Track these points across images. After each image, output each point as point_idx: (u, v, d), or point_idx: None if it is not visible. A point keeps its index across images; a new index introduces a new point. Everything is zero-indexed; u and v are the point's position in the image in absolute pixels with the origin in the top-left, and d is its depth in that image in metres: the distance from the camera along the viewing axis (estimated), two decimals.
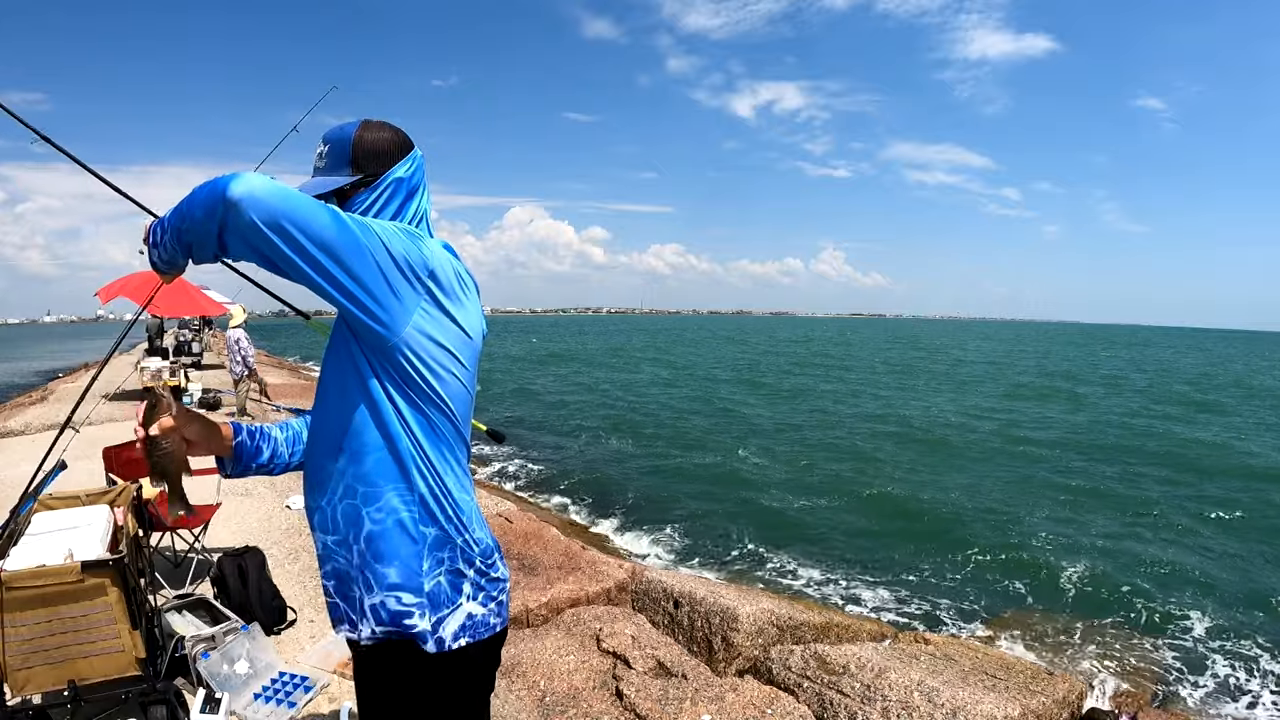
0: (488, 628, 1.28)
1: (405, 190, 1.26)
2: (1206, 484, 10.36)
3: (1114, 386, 25.17)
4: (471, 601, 1.25)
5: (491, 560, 1.29)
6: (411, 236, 1.14)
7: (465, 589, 1.24)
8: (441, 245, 1.24)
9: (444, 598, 1.22)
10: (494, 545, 1.32)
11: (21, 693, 2.16)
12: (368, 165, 1.24)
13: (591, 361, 34.88)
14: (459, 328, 1.18)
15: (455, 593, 1.24)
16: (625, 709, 2.90)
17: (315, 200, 1.03)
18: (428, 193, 1.32)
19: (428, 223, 1.31)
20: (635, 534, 7.64)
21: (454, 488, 1.22)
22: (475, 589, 1.26)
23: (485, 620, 1.27)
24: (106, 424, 9.00)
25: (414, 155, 1.29)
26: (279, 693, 2.73)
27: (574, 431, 13.96)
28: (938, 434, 14.13)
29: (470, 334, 1.21)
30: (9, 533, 2.31)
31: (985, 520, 8.35)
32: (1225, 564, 7.06)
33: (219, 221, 0.97)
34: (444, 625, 1.22)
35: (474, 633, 1.25)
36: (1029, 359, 41.35)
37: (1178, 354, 53.65)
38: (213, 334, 26.31)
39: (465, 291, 1.21)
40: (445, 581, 1.23)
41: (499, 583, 1.31)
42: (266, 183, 0.98)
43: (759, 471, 10.73)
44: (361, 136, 1.24)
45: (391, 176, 1.25)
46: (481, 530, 1.28)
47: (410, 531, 1.20)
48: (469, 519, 1.24)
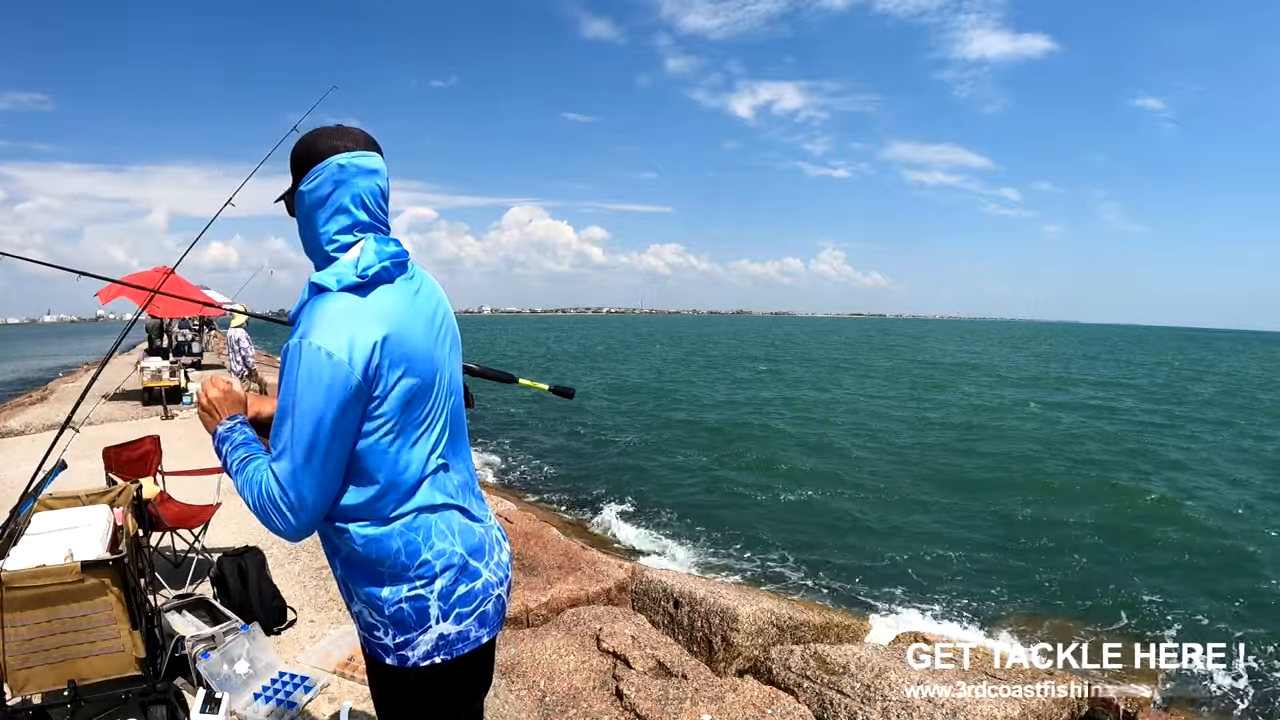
0: (467, 642, 1.28)
1: (308, 203, 1.26)
2: (1219, 487, 10.34)
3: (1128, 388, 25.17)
4: (443, 622, 1.25)
5: (458, 575, 1.26)
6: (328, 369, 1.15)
7: (432, 612, 1.24)
8: (376, 259, 1.22)
9: (410, 622, 1.24)
10: (463, 554, 1.27)
11: (21, 693, 2.16)
12: (294, 176, 1.28)
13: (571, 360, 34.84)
14: (397, 383, 1.20)
15: (422, 617, 1.24)
16: (625, 709, 2.90)
17: (301, 440, 1.14)
18: (359, 204, 1.26)
19: (372, 232, 1.27)
20: (635, 534, 7.64)
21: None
22: (443, 613, 1.25)
23: (464, 635, 1.27)
24: (106, 424, 9.01)
25: (320, 168, 1.24)
26: (279, 693, 2.73)
27: (574, 431, 13.95)
28: (938, 433, 14.13)
29: (403, 375, 1.20)
30: (9, 533, 2.31)
31: (985, 520, 8.35)
32: (1227, 564, 7.05)
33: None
34: (413, 647, 1.24)
35: (449, 650, 1.26)
36: (1029, 356, 41.34)
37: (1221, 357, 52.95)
38: (213, 334, 26.29)
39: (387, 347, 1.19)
40: (409, 607, 1.24)
41: (473, 595, 1.27)
42: (275, 512, 1.17)
43: (759, 472, 10.73)
44: (294, 146, 1.29)
45: (299, 190, 1.27)
46: (445, 541, 1.25)
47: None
48: (423, 537, 1.24)
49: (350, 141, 1.27)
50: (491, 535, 1.36)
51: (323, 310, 1.17)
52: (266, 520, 1.18)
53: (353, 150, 1.26)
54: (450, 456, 1.31)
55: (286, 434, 1.14)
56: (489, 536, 1.35)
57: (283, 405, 1.15)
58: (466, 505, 1.32)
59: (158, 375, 10.69)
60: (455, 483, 1.31)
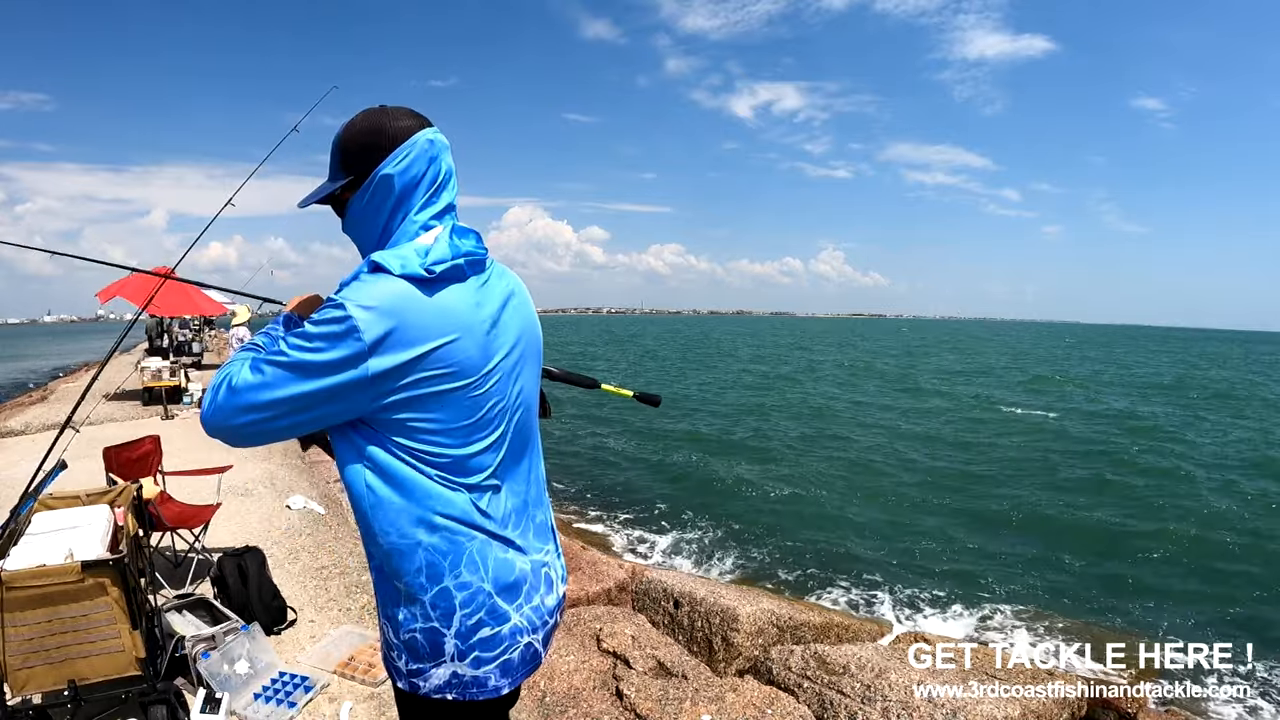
0: (483, 689, 1.13)
1: (399, 187, 1.11)
2: (1223, 489, 10.33)
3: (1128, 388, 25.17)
4: (459, 662, 1.12)
5: (480, 614, 1.12)
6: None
7: (447, 648, 1.11)
8: (450, 250, 1.09)
9: (423, 652, 1.12)
10: (490, 591, 1.12)
11: (21, 693, 2.16)
12: (354, 165, 1.13)
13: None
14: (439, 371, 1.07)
15: (436, 651, 1.12)
16: (625, 709, 2.90)
17: (262, 371, 1.03)
18: (446, 184, 1.17)
19: (449, 216, 1.18)
20: (636, 534, 7.65)
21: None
22: (459, 652, 1.11)
23: (480, 681, 1.13)
24: (106, 424, 9.01)
25: (410, 144, 1.11)
26: (279, 693, 2.72)
27: (573, 431, 13.95)
28: (939, 433, 14.14)
29: (460, 364, 1.07)
30: (9, 533, 2.31)
31: (986, 520, 8.35)
32: (1229, 565, 7.05)
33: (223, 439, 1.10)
34: (424, 677, 1.13)
35: (463, 692, 1.13)
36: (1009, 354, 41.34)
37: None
38: (213, 334, 26.30)
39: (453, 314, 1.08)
40: (422, 638, 1.11)
41: (497, 641, 1.13)
42: (210, 401, 1.06)
43: (759, 473, 10.72)
44: (344, 134, 1.14)
45: (379, 174, 1.11)
46: (473, 573, 1.11)
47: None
48: (450, 562, 1.11)
49: (421, 120, 1.16)
50: (540, 574, 1.21)
51: (375, 288, 1.02)
52: (208, 395, 1.09)
53: (430, 127, 1.15)
54: (506, 477, 1.17)
55: (274, 366, 1.02)
56: (535, 575, 1.19)
57: (296, 337, 1.03)
58: (515, 535, 1.17)
59: (158, 375, 10.69)
60: (506, 507, 1.17)
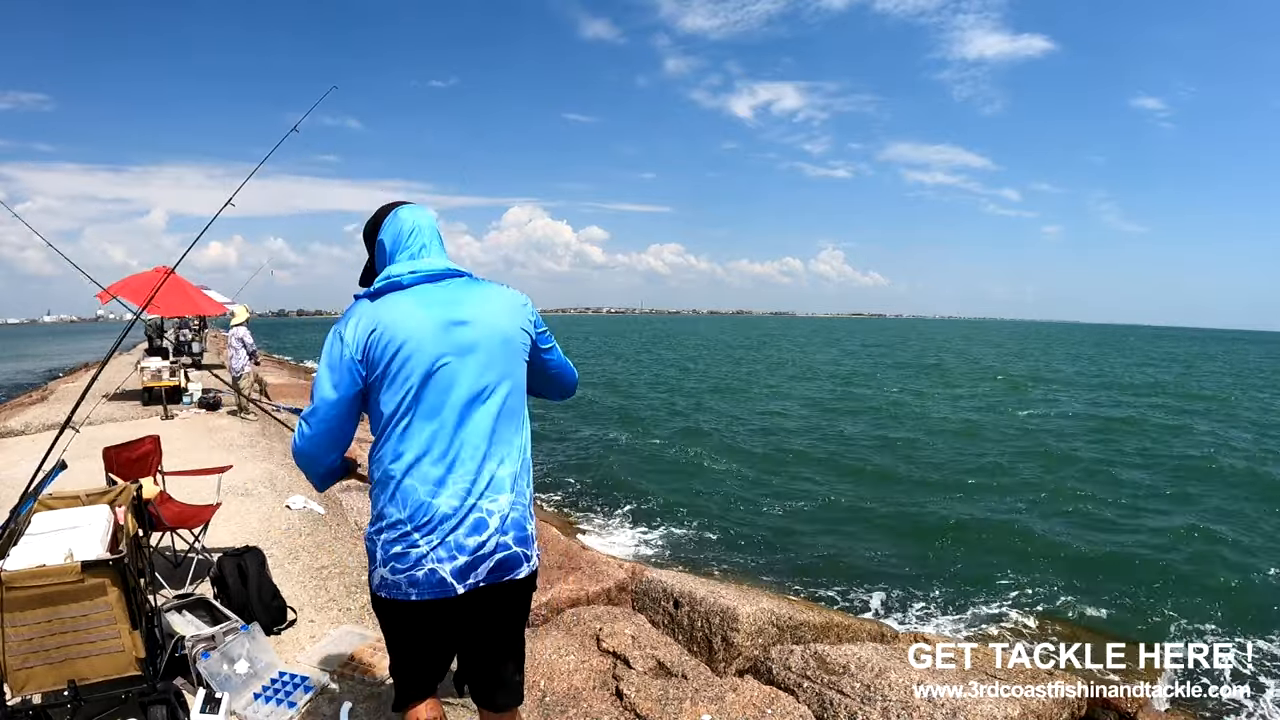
0: (399, 591, 1.53)
1: (387, 246, 1.69)
2: (1224, 490, 10.30)
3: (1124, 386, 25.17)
4: (382, 568, 1.55)
5: (396, 537, 1.53)
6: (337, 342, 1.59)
7: (377, 555, 1.56)
8: (406, 279, 1.61)
9: (371, 555, 1.58)
10: (405, 522, 1.52)
11: (21, 693, 2.15)
12: (371, 242, 1.76)
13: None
14: (395, 357, 1.53)
15: (372, 554, 1.58)
16: (625, 709, 2.90)
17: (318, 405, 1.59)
18: (416, 231, 1.68)
19: (422, 252, 1.67)
20: (636, 534, 7.65)
21: (386, 455, 1.55)
22: (382, 559, 1.55)
23: (396, 584, 1.53)
24: (106, 424, 9.01)
25: (390, 218, 1.71)
26: (279, 693, 2.73)
27: (573, 431, 13.95)
28: (939, 432, 14.14)
29: (408, 349, 1.52)
30: (9, 533, 2.31)
31: (986, 521, 8.34)
32: (1230, 566, 7.05)
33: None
34: (371, 575, 1.60)
35: (388, 590, 1.55)
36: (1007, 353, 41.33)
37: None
38: (213, 334, 26.29)
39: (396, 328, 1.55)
40: (369, 544, 1.60)
41: (406, 559, 1.52)
42: (298, 450, 1.63)
43: (760, 472, 10.72)
44: (364, 226, 1.79)
45: (378, 241, 1.73)
46: (396, 509, 1.52)
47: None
48: (387, 488, 1.54)
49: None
50: (462, 518, 1.53)
51: (347, 310, 1.64)
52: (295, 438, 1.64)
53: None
54: (445, 442, 1.53)
55: (314, 384, 1.61)
56: (455, 518, 1.52)
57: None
58: (440, 487, 1.52)
59: (158, 375, 10.69)
60: (438, 471, 1.52)
